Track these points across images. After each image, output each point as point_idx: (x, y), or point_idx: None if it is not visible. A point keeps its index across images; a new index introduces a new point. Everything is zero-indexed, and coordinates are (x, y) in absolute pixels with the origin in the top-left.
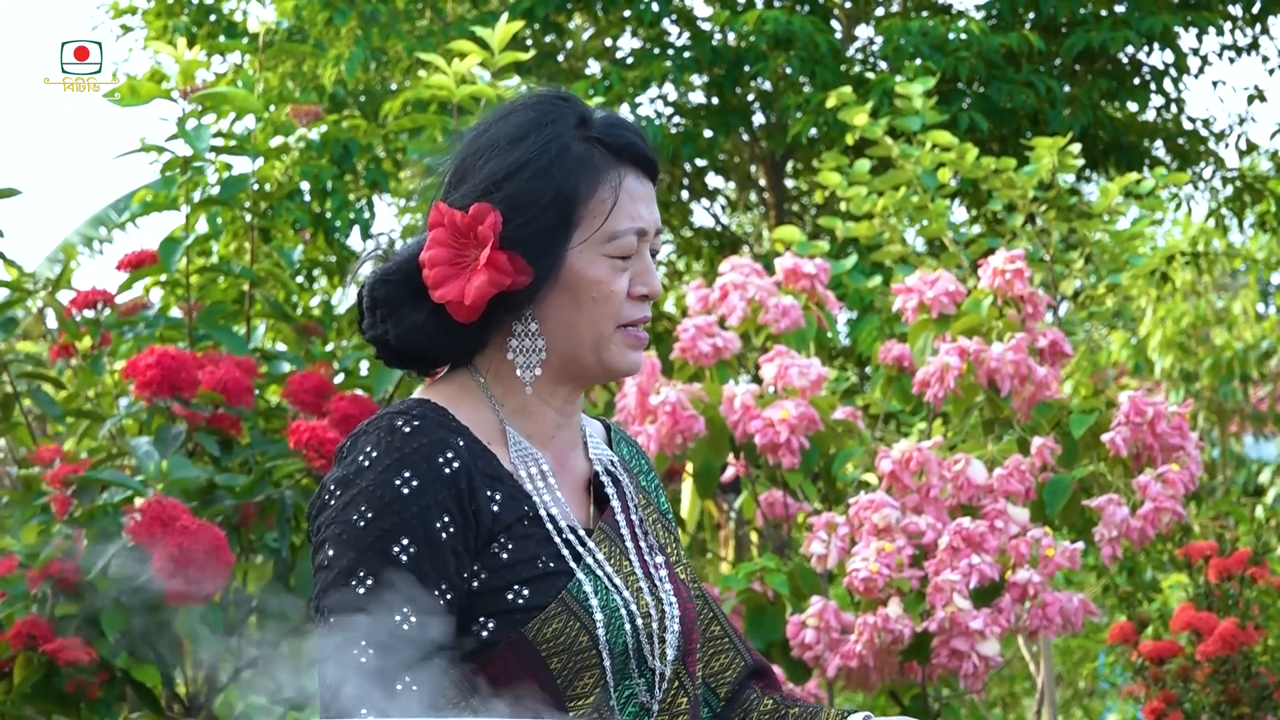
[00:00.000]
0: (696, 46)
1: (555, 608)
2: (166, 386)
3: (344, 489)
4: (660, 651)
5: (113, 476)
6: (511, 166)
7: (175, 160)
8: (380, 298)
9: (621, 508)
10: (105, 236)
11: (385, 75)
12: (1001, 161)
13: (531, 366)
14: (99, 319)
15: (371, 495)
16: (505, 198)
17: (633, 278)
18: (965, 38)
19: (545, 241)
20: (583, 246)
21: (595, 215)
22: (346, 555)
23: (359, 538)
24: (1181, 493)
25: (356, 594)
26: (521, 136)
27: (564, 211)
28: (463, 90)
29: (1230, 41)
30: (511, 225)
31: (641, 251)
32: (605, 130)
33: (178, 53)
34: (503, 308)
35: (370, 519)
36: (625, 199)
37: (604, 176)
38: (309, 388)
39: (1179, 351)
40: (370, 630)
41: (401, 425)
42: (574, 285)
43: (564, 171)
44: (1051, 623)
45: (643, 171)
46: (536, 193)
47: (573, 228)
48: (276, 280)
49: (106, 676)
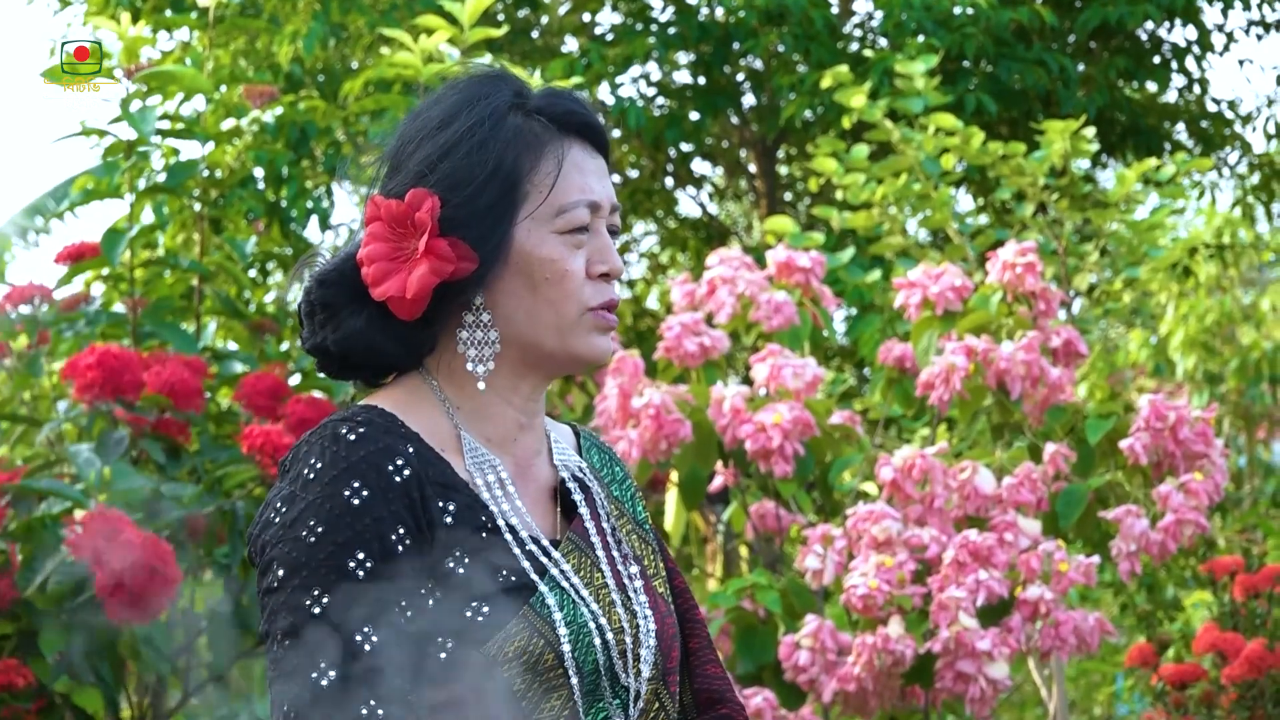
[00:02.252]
0: (682, 22)
1: (518, 624)
2: (109, 388)
3: (289, 504)
4: (635, 669)
5: (51, 486)
6: (445, 146)
7: (118, 145)
8: (318, 302)
9: (591, 515)
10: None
11: (346, 53)
12: (1010, 146)
13: (485, 359)
14: (36, 316)
15: (320, 508)
16: (441, 179)
17: (590, 256)
18: (972, 12)
19: (487, 221)
20: (530, 223)
21: (540, 189)
22: (298, 574)
23: (310, 554)
24: (1205, 504)
25: (311, 614)
26: (453, 116)
27: (505, 186)
28: (429, 69)
29: (1258, 16)
30: (450, 207)
31: (597, 228)
32: (544, 101)
33: (121, 28)
34: (450, 299)
35: (321, 533)
36: (572, 170)
37: (546, 147)
38: (263, 390)
39: (1203, 351)
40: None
41: (346, 433)
42: (526, 267)
43: (501, 143)
44: (1065, 643)
45: (590, 142)
46: (473, 169)
47: (517, 204)
48: (228, 274)
49: (44, 702)
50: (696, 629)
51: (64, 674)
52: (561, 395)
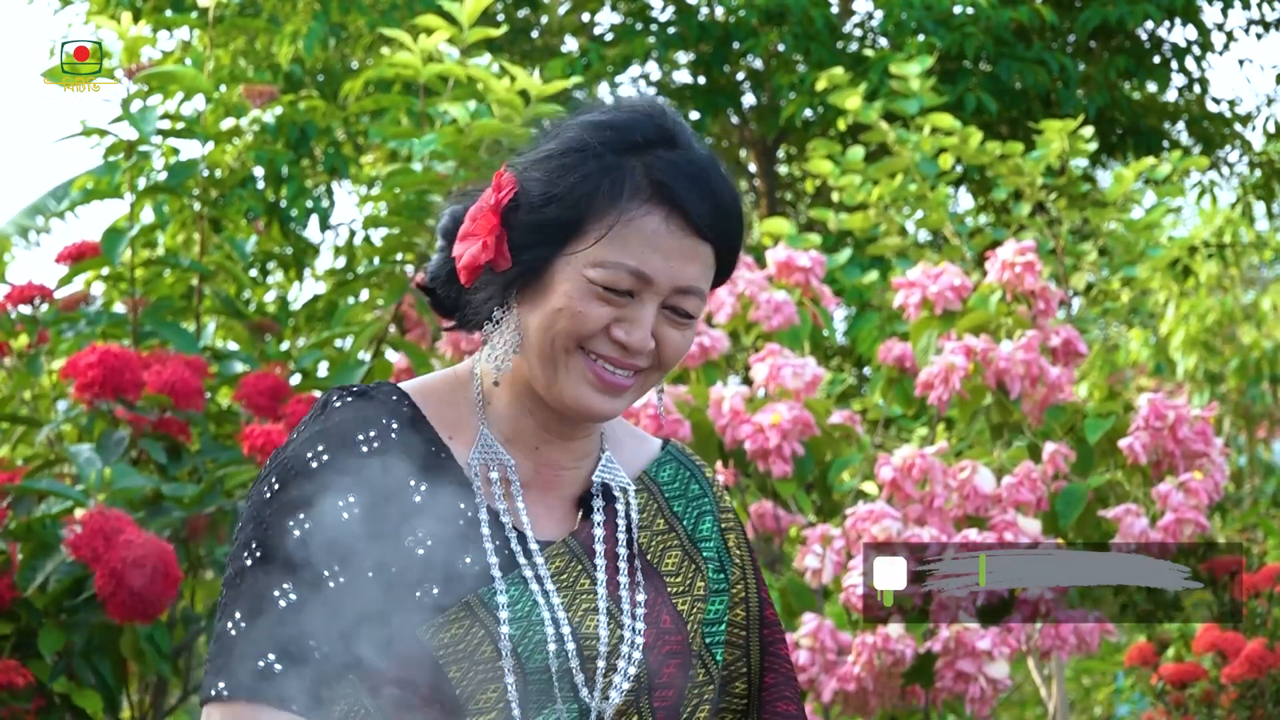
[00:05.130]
0: (682, 21)
1: (458, 610)
2: (109, 388)
3: (268, 463)
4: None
5: (51, 486)
6: (549, 153)
7: (119, 144)
8: (439, 230)
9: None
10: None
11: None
12: (1008, 146)
13: (504, 358)
14: (36, 315)
15: (283, 467)
16: (528, 179)
17: (618, 318)
18: (972, 12)
19: (534, 236)
20: (572, 259)
21: (592, 238)
22: (246, 526)
23: (260, 508)
24: (1205, 503)
25: (243, 565)
26: (585, 127)
27: (564, 216)
28: (429, 69)
29: (1258, 16)
30: (516, 206)
31: (644, 300)
32: (666, 163)
33: (121, 28)
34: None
35: (275, 490)
36: (634, 235)
37: (622, 203)
38: (263, 389)
39: (1203, 351)
40: (244, 604)
41: (335, 400)
42: (548, 290)
43: (583, 177)
44: (1065, 643)
45: (685, 222)
46: (549, 186)
47: (569, 236)
48: (228, 274)
49: (44, 702)
50: (777, 664)
51: (63, 674)
52: None
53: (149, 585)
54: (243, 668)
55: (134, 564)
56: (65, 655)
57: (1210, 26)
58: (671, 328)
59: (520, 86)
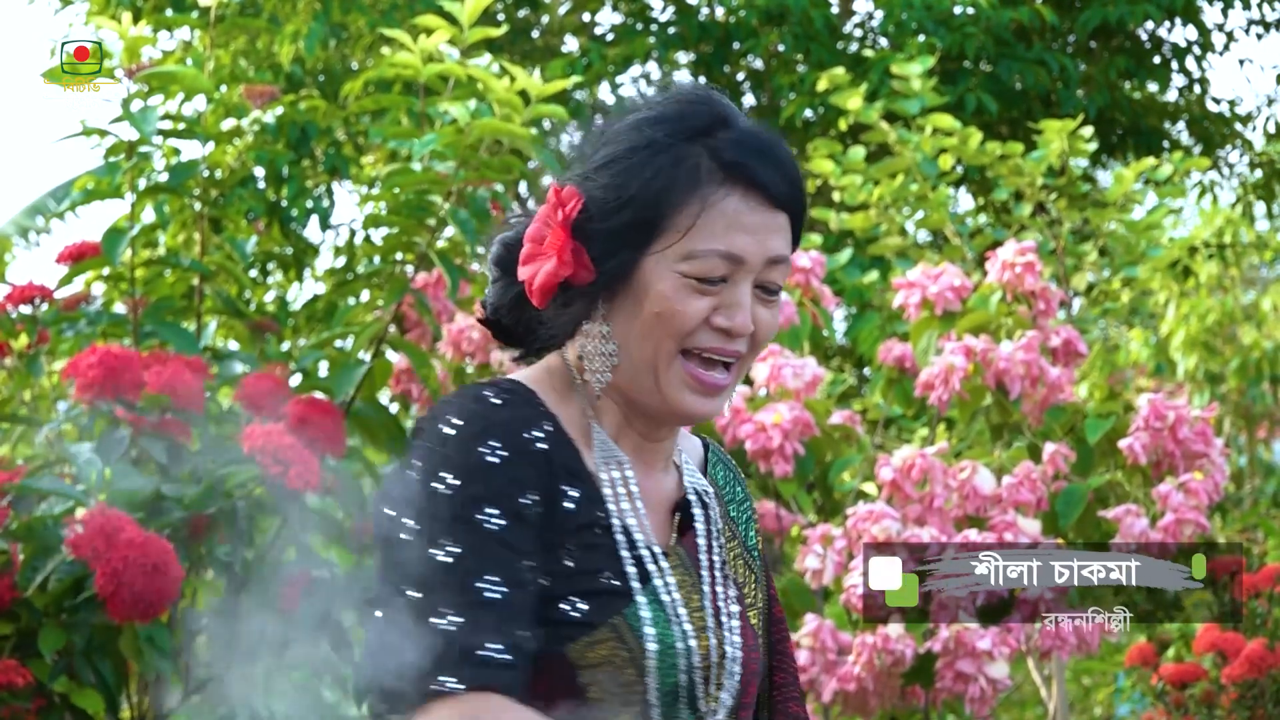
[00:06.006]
0: (682, 22)
1: (605, 632)
2: (109, 388)
3: (425, 460)
4: (715, 698)
5: (52, 486)
6: (610, 156)
7: (119, 145)
8: (493, 261)
9: (705, 535)
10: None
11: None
12: (1008, 146)
13: (602, 370)
14: (36, 315)
15: (455, 462)
16: (594, 187)
17: (716, 306)
18: (972, 12)
19: (614, 242)
20: (659, 258)
21: (677, 229)
22: (427, 525)
23: (442, 506)
24: (1205, 503)
25: (439, 563)
26: (644, 125)
27: (643, 216)
28: (430, 69)
29: (1258, 16)
30: (590, 216)
31: (737, 281)
32: (731, 143)
33: (122, 28)
34: (582, 300)
35: (456, 486)
36: (718, 219)
37: (700, 190)
38: (263, 390)
39: (1203, 351)
40: (453, 599)
41: (490, 396)
42: (641, 295)
43: (655, 173)
44: (1065, 643)
45: (763, 196)
46: (620, 189)
47: (651, 236)
48: (228, 274)
49: (44, 702)
50: (785, 663)
51: (64, 674)
52: None
53: (149, 585)
54: (469, 660)
55: (134, 564)
56: (65, 655)
57: (1210, 26)
58: (762, 306)
59: (520, 86)
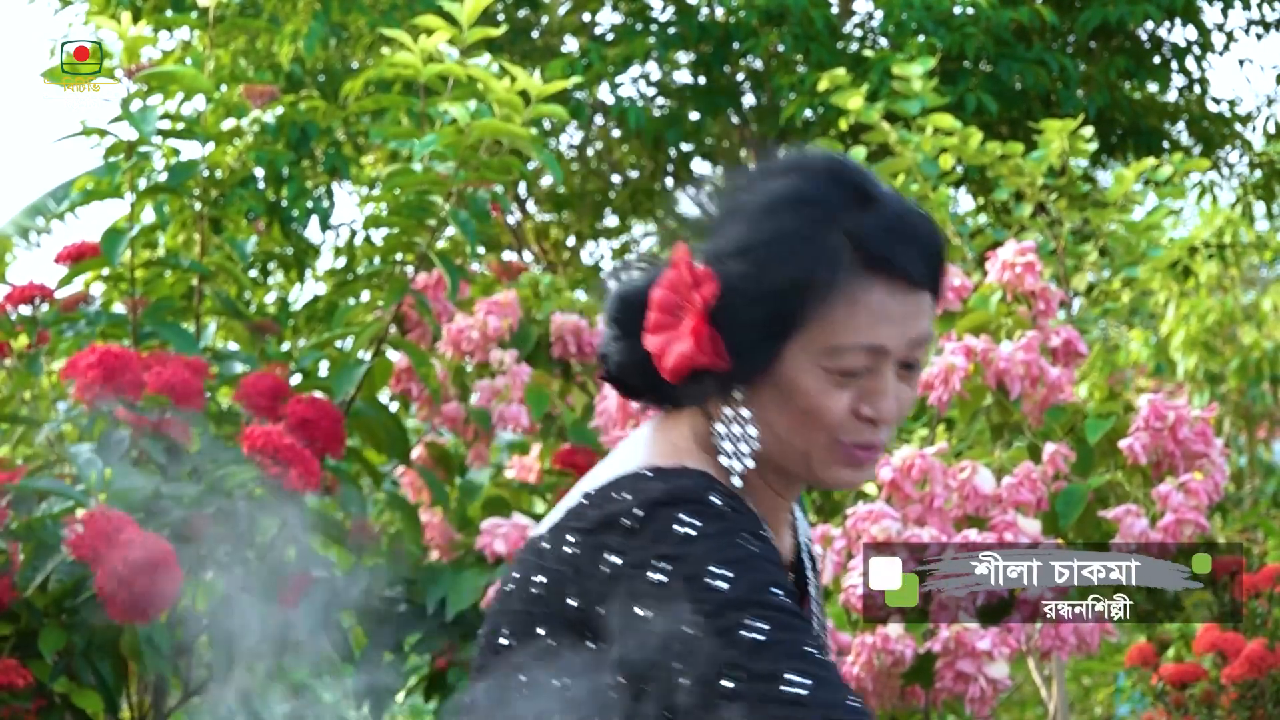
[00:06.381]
0: (682, 22)
1: None
2: (109, 388)
3: (674, 563)
4: None
5: (51, 486)
6: (746, 242)
7: (119, 145)
8: (613, 317)
9: (816, 602)
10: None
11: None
12: (1008, 146)
13: (741, 455)
14: (36, 316)
15: (719, 557)
16: (728, 274)
17: (861, 396)
18: (972, 12)
19: (755, 335)
20: (800, 351)
21: (820, 324)
22: (715, 621)
23: (727, 599)
24: (1205, 503)
25: (752, 640)
26: (778, 207)
27: (785, 310)
28: (429, 69)
29: (1258, 16)
30: (727, 304)
31: (879, 369)
32: (873, 229)
33: (122, 28)
34: (716, 381)
35: (731, 578)
36: (862, 312)
37: (842, 284)
38: (263, 390)
39: (1203, 351)
40: (792, 665)
41: (712, 497)
42: (785, 388)
43: (796, 268)
44: (1065, 643)
45: (907, 283)
46: (757, 282)
47: (792, 330)
48: (228, 274)
49: (44, 702)
50: None
51: (64, 674)
52: (562, 395)
53: (149, 585)
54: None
55: (134, 564)
56: (65, 655)
57: (1210, 27)
58: (903, 383)
59: (520, 86)
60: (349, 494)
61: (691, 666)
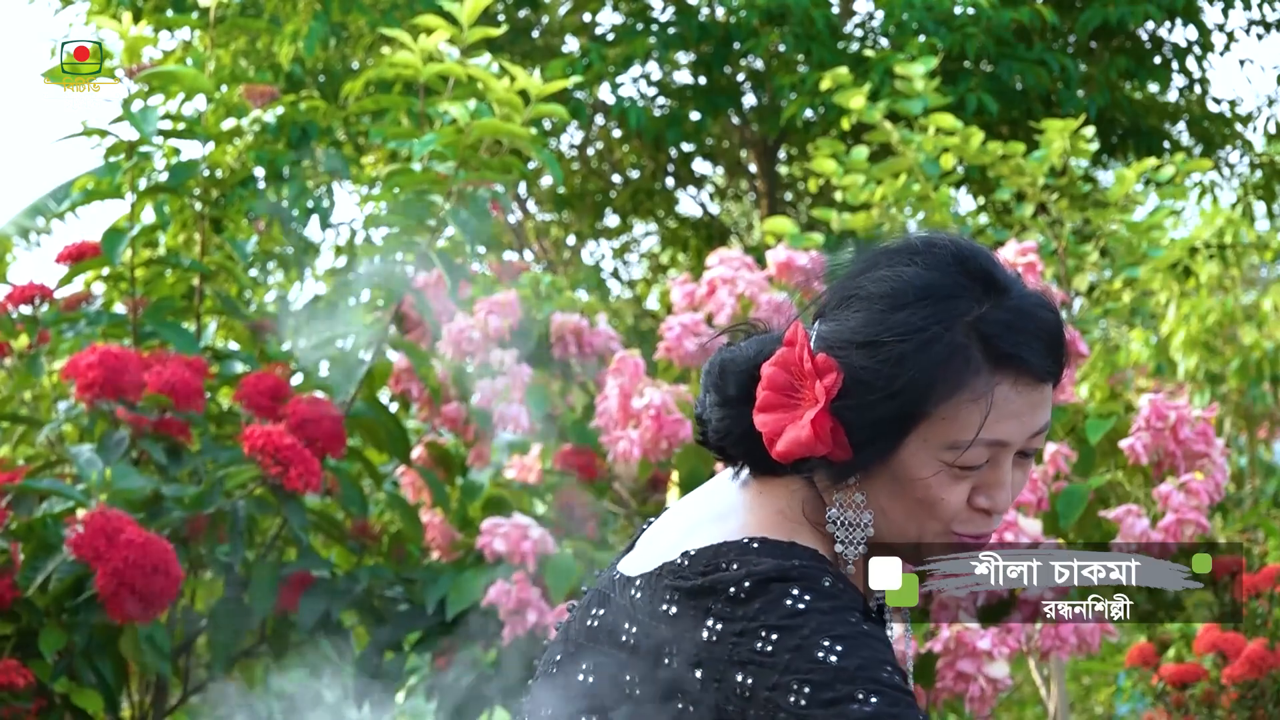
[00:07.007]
0: (682, 22)
1: None
2: (110, 388)
3: (784, 633)
4: None
5: (52, 486)
6: (871, 336)
7: (120, 145)
8: (713, 384)
9: None
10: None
11: (346, 53)
12: (1009, 146)
13: (855, 542)
14: (36, 316)
15: (830, 632)
16: (852, 367)
17: (978, 487)
18: (973, 12)
19: (878, 429)
20: (920, 443)
21: (942, 420)
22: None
23: (838, 670)
24: (1206, 503)
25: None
26: (905, 301)
27: (910, 407)
28: (430, 69)
29: (1258, 16)
30: (846, 399)
31: (999, 461)
32: (1002, 327)
33: (122, 28)
34: (825, 469)
35: (841, 651)
36: (988, 411)
37: (969, 382)
38: (264, 390)
39: (1204, 351)
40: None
41: (822, 579)
42: (903, 477)
43: (922, 367)
44: (1065, 643)
45: (1033, 379)
46: (885, 379)
47: (915, 424)
48: (228, 274)
49: (44, 702)
50: None
51: (64, 674)
52: (562, 395)
53: (149, 585)
54: None
55: (134, 564)
56: (66, 655)
57: (1211, 27)
58: (1019, 471)
59: (520, 86)
60: (349, 494)
61: None
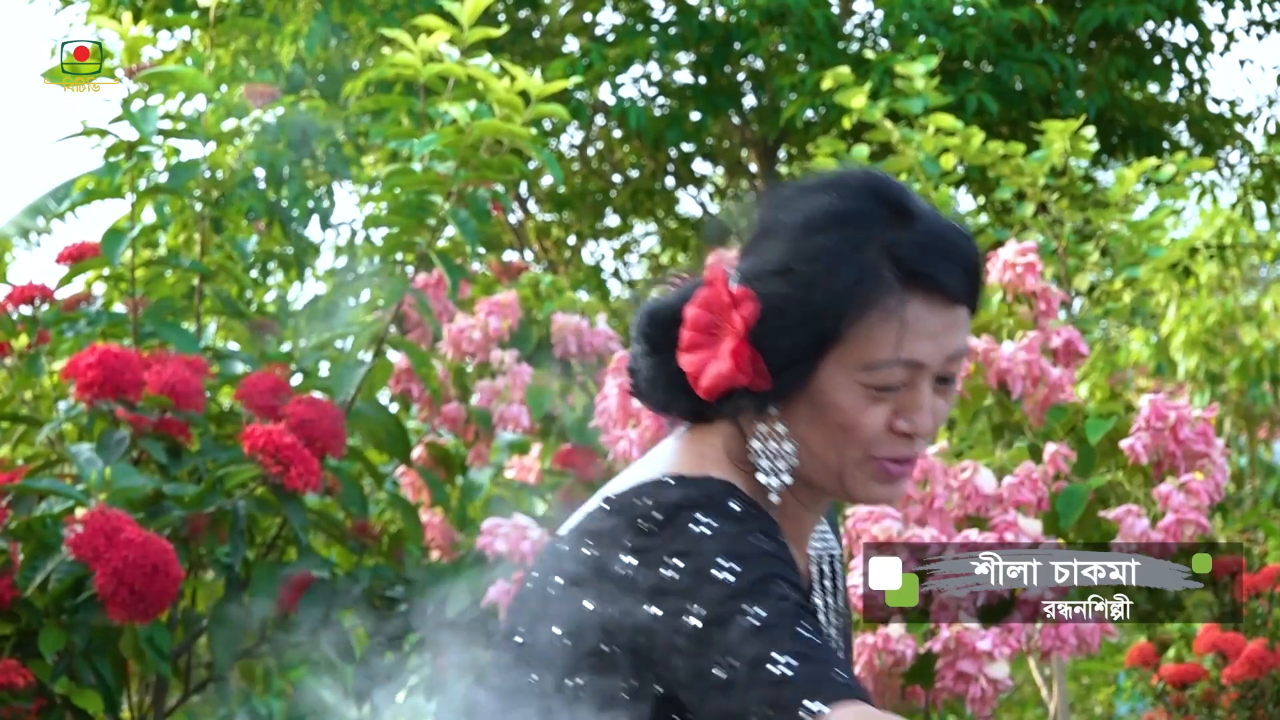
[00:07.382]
0: (682, 22)
1: None
2: (110, 388)
3: (686, 559)
4: None
5: (52, 485)
6: (785, 262)
7: (119, 145)
8: (643, 332)
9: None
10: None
11: (346, 53)
12: (1010, 146)
13: (778, 472)
14: (36, 316)
15: (729, 552)
16: (767, 295)
17: (896, 410)
18: (973, 12)
19: (792, 356)
20: (836, 367)
21: (856, 341)
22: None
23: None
24: (1206, 503)
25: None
26: (817, 227)
27: (824, 330)
28: (430, 69)
29: (1258, 16)
30: (767, 325)
31: (915, 384)
32: (912, 246)
33: (122, 28)
34: (751, 399)
35: (739, 571)
36: (901, 330)
37: (880, 301)
38: (264, 390)
39: (1204, 351)
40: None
41: (730, 502)
42: (820, 404)
43: (835, 288)
44: (1065, 643)
45: (945, 298)
46: (798, 304)
47: (828, 348)
48: (228, 274)
49: (44, 702)
50: None
51: (64, 674)
52: (562, 395)
53: (149, 585)
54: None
55: (134, 564)
56: (66, 655)
57: (1211, 27)
58: (939, 397)
59: (520, 86)
60: (349, 494)
61: (691, 660)
